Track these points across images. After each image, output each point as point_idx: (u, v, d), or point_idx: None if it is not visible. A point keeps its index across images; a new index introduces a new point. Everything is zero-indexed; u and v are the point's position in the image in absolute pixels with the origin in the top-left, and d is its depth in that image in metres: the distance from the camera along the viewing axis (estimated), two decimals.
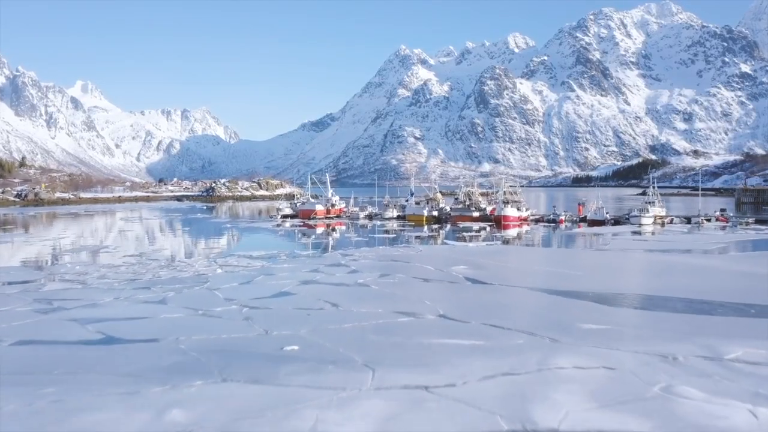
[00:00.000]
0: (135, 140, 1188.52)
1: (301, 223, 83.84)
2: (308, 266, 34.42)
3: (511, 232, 68.57)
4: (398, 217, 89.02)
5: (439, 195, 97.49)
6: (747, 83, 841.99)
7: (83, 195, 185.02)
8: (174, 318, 20.31)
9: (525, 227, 75.18)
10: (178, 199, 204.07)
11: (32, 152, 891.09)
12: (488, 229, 71.45)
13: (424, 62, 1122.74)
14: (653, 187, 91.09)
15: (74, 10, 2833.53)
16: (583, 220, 79.43)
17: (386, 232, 67.80)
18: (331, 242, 59.64)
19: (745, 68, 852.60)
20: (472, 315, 20.07)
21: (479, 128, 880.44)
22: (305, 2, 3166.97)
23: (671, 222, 78.20)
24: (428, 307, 21.44)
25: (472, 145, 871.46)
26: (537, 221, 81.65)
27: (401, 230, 69.66)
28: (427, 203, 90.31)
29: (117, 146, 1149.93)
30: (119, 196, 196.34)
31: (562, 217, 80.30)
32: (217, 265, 35.55)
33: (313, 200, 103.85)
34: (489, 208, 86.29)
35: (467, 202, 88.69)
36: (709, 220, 75.74)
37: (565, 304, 22.72)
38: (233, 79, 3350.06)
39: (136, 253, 43.80)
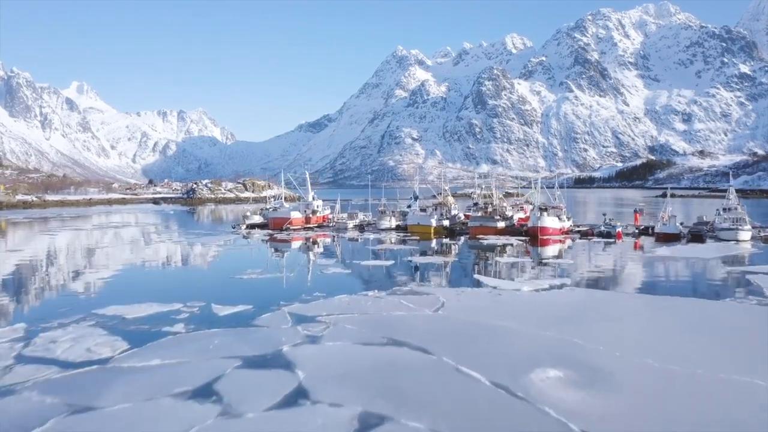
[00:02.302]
0: (131, 141, 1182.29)
1: (269, 236, 67.46)
2: (195, 373, 17.22)
3: (555, 252, 52.60)
4: (398, 228, 72.31)
5: (450, 198, 79.23)
6: (746, 84, 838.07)
7: (50, 198, 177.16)
8: None
9: (568, 242, 59.90)
10: (155, 201, 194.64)
11: (26, 153, 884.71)
12: (522, 245, 56.33)
13: (421, 63, 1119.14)
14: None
15: (70, 11, 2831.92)
16: (645, 232, 64.43)
17: (380, 253, 50.67)
18: (290, 279, 37.34)
19: (744, 69, 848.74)
20: None
21: (477, 129, 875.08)
22: (303, 3, 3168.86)
23: None
24: None
25: (470, 146, 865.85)
26: (584, 235, 64.69)
27: (402, 248, 53.87)
28: (435, 209, 72.44)
29: (112, 147, 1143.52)
30: (90, 199, 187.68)
31: (620, 230, 63.22)
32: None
33: (287, 206, 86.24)
34: (517, 216, 71.84)
35: (488, 209, 70.40)
36: None
37: None
38: (230, 80, 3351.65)
39: None
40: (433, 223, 67.56)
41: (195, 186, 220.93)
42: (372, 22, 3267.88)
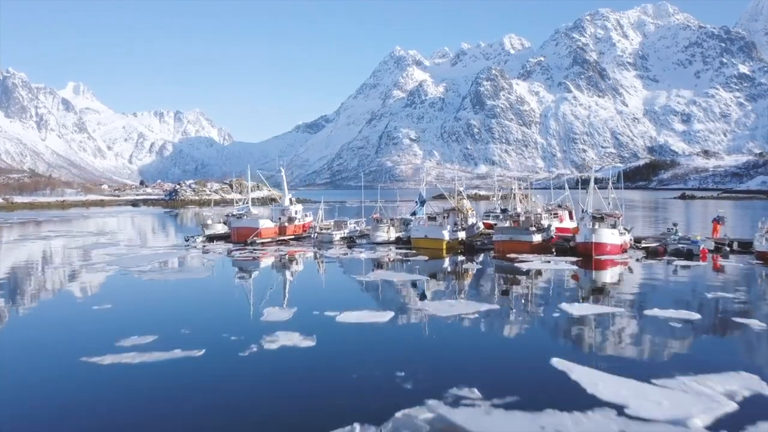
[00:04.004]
0: (127, 142, 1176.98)
1: (229, 253, 52.35)
2: None
3: (626, 282, 37.08)
4: (399, 241, 57.28)
5: (466, 203, 64.26)
6: (745, 84, 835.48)
7: (19, 200, 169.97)
8: None
9: (630, 261, 44.85)
10: (134, 204, 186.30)
11: (21, 154, 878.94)
12: (570, 267, 41.53)
13: (419, 63, 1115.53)
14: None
15: (67, 11, 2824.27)
16: (730, 247, 49.11)
17: (372, 286, 35.02)
18: (194, 364, 19.36)
19: (744, 69, 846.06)
20: None
21: (475, 129, 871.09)
22: (300, 4, 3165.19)
23: None
24: None
25: (468, 146, 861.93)
26: (652, 253, 48.35)
27: (405, 277, 37.48)
28: (447, 217, 55.90)
29: (109, 148, 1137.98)
30: (63, 201, 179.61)
31: (704, 246, 47.16)
32: None
33: (256, 211, 68.87)
34: (555, 226, 56.49)
35: (518, 216, 54.53)
36: None
37: None
38: (227, 81, 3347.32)
39: None
40: (446, 236, 52.18)
41: (178, 187, 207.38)
42: (370, 23, 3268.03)
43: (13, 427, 15.12)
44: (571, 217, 68.35)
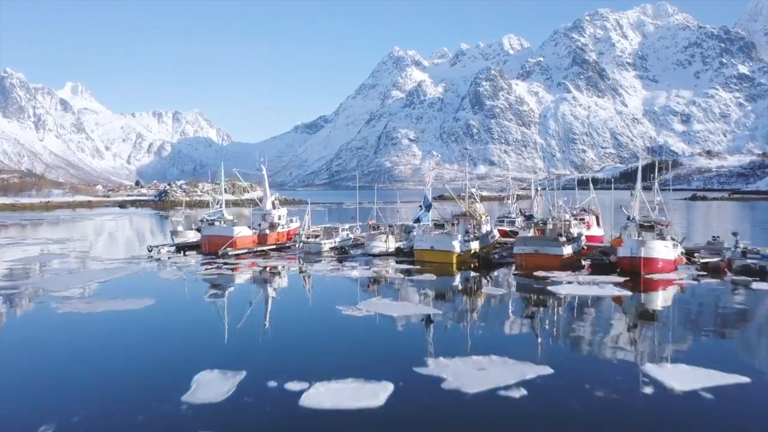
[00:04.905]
0: (125, 142, 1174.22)
1: (194, 266, 45.23)
2: None
3: (704, 316, 29.59)
4: (399, 253, 49.61)
5: (479, 206, 54.55)
6: (745, 84, 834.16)
7: (0, 200, 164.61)
8: None
9: (685, 281, 36.56)
10: (122, 205, 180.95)
11: (19, 155, 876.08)
12: (622, 292, 32.81)
13: (418, 64, 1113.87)
14: None
15: (66, 12, 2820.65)
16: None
17: (362, 327, 26.09)
18: None
19: (743, 69, 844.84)
20: None
21: (474, 130, 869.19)
22: (299, 4, 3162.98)
23: None
24: None
25: (468, 146, 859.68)
26: (711, 270, 39.98)
27: (408, 304, 30.44)
28: (457, 223, 48.85)
29: (107, 149, 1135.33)
30: (47, 202, 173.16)
31: None
32: None
33: (231, 216, 57.85)
34: (585, 233, 50.31)
35: (545, 224, 46.76)
36: None
37: None
38: (226, 81, 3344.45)
39: None
40: (456, 247, 44.38)
41: (168, 188, 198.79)
42: (369, 23, 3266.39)
43: None
44: (598, 223, 60.41)
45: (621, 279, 36.37)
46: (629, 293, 32.56)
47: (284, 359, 20.69)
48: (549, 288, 34.20)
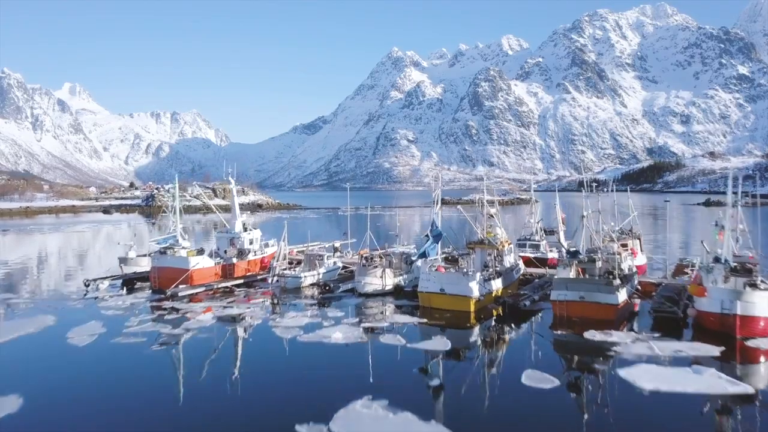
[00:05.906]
0: (123, 143, 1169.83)
1: (138, 310, 36.05)
2: None
3: None
4: (398, 292, 40.20)
5: (500, 233, 41.96)
6: (745, 85, 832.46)
7: None
8: None
9: None
10: (106, 210, 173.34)
11: (16, 155, 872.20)
12: (733, 384, 21.22)
13: (416, 64, 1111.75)
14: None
15: (64, 12, 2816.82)
16: None
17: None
18: None
19: (743, 70, 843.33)
20: None
21: (473, 131, 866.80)
22: (298, 5, 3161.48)
23: None
24: None
25: (467, 147, 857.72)
26: None
27: (411, 395, 20.79)
28: (473, 252, 38.74)
29: (105, 149, 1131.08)
30: (27, 208, 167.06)
31: None
32: None
33: (187, 244, 46.27)
34: (632, 264, 39.27)
35: (588, 259, 34.99)
36: None
37: None
38: (224, 82, 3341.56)
39: None
40: (475, 291, 33.88)
41: (156, 191, 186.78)
42: (367, 24, 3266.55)
43: None
44: (641, 248, 48.96)
45: (715, 349, 25.64)
46: (749, 389, 20.97)
47: None
48: (619, 373, 22.50)
